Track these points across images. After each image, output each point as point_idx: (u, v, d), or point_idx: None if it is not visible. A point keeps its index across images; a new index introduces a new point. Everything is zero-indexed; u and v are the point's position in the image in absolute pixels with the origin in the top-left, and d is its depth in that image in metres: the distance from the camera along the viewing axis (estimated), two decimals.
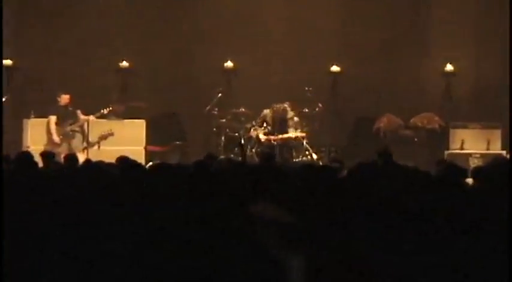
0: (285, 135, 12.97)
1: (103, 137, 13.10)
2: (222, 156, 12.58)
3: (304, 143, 13.02)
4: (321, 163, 12.73)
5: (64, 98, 12.73)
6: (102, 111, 12.84)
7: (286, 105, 13.17)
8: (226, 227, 4.02)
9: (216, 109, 13.77)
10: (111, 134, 13.13)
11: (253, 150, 12.84)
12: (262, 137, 13.00)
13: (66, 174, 5.90)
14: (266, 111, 13.22)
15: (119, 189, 5.21)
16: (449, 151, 13.65)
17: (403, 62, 15.16)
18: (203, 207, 4.37)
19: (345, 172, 6.84)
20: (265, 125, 13.11)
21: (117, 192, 5.07)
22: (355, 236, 4.16)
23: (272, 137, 12.96)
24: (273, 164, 8.97)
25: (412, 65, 15.18)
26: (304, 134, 13.10)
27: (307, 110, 13.91)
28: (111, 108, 12.98)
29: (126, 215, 4.29)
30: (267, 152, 11.89)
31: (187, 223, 4.06)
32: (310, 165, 6.31)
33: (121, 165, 6.60)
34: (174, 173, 5.69)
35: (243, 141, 12.95)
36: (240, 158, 12.56)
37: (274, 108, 13.15)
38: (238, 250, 3.69)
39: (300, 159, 12.87)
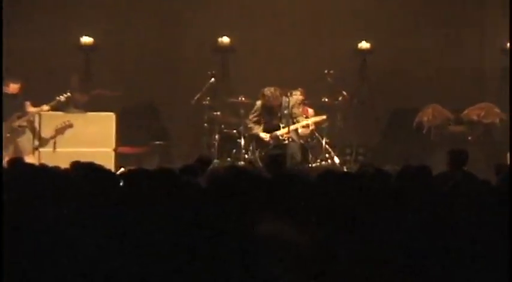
0: (292, 127, 12.47)
1: (59, 131, 13.07)
2: (216, 160, 12.61)
3: (324, 143, 12.95)
4: (345, 169, 12.75)
5: (13, 87, 12.71)
6: (58, 98, 12.78)
7: (280, 89, 12.61)
8: (221, 251, 4.07)
9: (208, 98, 13.77)
10: (70, 126, 13.09)
11: (257, 152, 12.66)
12: (263, 135, 12.59)
13: (10, 179, 5.94)
14: (259, 102, 12.78)
15: (79, 195, 5.30)
16: None
17: (452, 37, 15.18)
18: (189, 231, 4.43)
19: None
20: (263, 120, 12.76)
21: (76, 199, 5.16)
22: (388, 267, 4.22)
23: (277, 134, 12.55)
24: (283, 170, 9.02)
25: (464, 40, 15.20)
26: (324, 117, 12.90)
27: (326, 100, 13.92)
28: (69, 94, 12.92)
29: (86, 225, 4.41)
30: (275, 154, 11.84)
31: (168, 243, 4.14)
32: (331, 172, 6.34)
33: (77, 172, 6.59)
34: (155, 180, 5.73)
35: (243, 141, 12.93)
36: (239, 163, 12.61)
37: (266, 93, 12.58)
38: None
39: (319, 163, 12.85)
